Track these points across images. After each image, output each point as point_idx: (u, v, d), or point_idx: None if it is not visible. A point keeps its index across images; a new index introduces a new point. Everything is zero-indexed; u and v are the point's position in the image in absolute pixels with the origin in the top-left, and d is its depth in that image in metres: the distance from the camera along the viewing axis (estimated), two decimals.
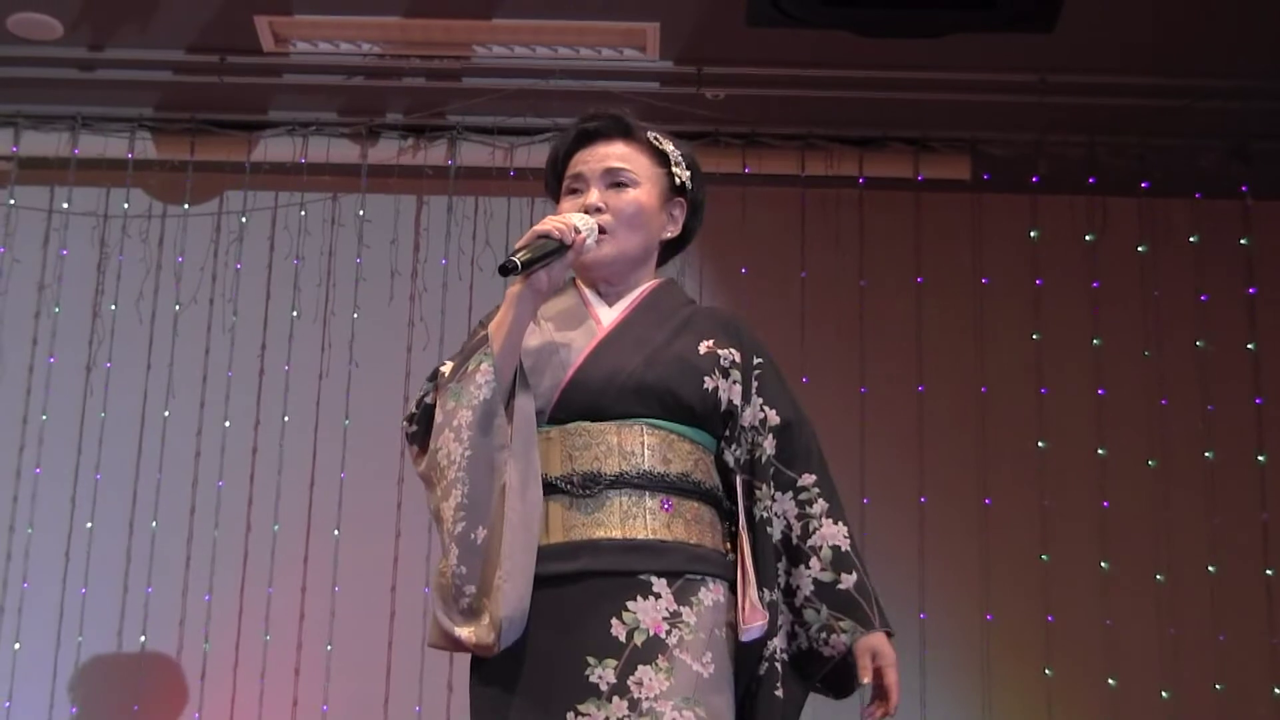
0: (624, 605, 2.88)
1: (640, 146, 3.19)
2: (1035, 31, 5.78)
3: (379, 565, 6.32)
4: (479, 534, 2.88)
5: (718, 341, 3.09)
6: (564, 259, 2.95)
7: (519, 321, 2.95)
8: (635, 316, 3.12)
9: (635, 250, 3.15)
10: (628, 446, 2.97)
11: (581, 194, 3.13)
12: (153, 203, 6.81)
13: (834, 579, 3.04)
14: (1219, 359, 6.60)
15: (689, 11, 5.95)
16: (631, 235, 3.12)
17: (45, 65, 6.34)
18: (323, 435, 6.51)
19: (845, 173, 6.71)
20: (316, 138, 6.75)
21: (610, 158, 3.15)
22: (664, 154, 3.20)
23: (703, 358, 3.05)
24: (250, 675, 6.31)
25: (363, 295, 6.66)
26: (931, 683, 6.29)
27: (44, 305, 6.64)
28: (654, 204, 3.16)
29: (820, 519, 3.08)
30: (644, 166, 3.17)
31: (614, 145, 3.17)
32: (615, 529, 2.93)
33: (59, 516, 6.43)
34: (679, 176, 3.21)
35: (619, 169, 3.14)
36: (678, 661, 2.86)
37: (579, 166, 3.16)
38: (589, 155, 3.16)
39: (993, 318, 6.67)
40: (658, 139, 3.21)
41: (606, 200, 3.10)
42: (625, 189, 3.12)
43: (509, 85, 6.36)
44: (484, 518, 2.88)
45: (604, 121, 3.20)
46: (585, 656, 2.85)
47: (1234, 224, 6.69)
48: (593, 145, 3.18)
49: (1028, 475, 6.53)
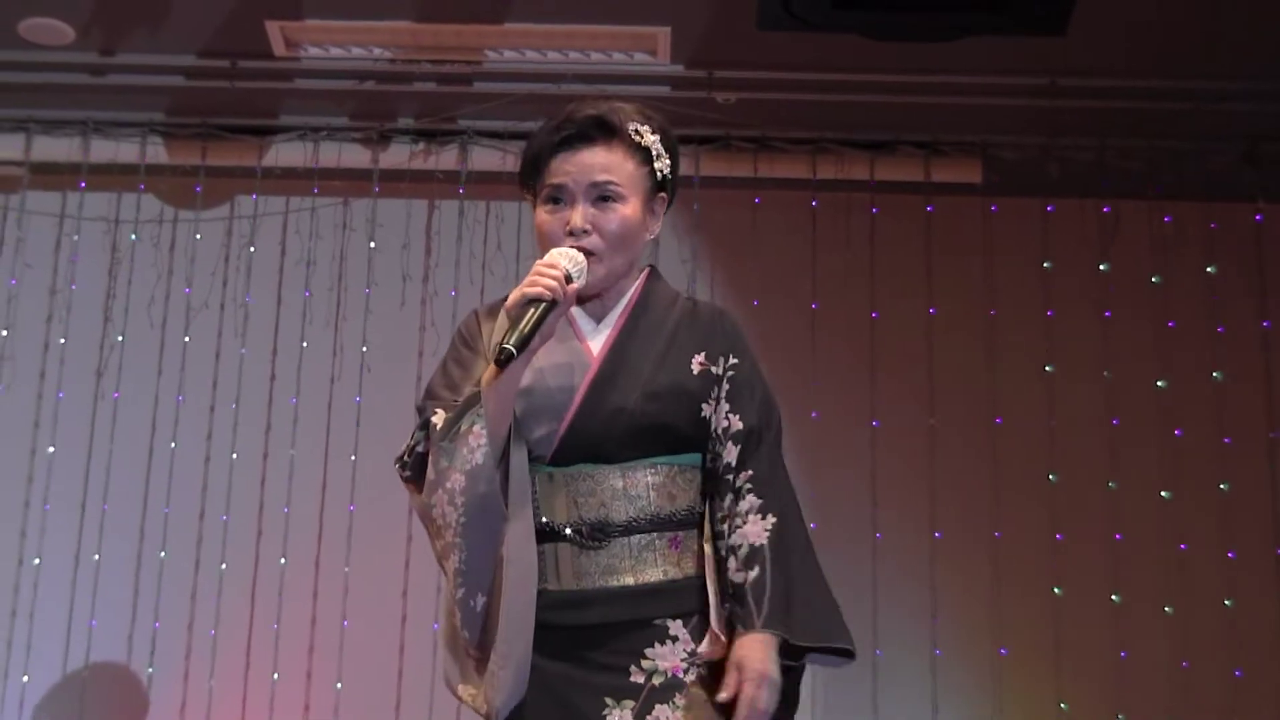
0: (643, 654, 2.87)
1: (623, 148, 3.05)
2: (1046, 35, 5.78)
3: (389, 574, 6.31)
4: (478, 601, 2.87)
5: (708, 354, 3.04)
6: (556, 312, 2.87)
7: (512, 377, 2.89)
8: (625, 339, 3.04)
9: (623, 267, 3.07)
10: (633, 490, 2.93)
11: (563, 205, 3.02)
12: (164, 207, 6.82)
13: (742, 578, 2.89)
14: (1233, 388, 6.59)
15: (700, 16, 5.95)
16: (619, 254, 3.04)
17: (57, 70, 6.35)
18: (334, 440, 6.51)
19: (857, 176, 6.71)
20: (328, 142, 6.75)
21: (595, 169, 3.02)
22: (646, 150, 3.08)
23: (696, 378, 3.01)
24: (259, 710, 6.30)
25: (374, 300, 6.66)
26: (944, 715, 6.29)
27: (55, 309, 6.65)
28: (639, 215, 3.06)
29: (745, 516, 2.93)
30: (628, 174, 3.05)
31: (597, 153, 3.03)
32: (628, 575, 2.90)
33: (69, 523, 6.44)
34: (660, 171, 3.10)
35: (604, 182, 3.01)
36: (694, 698, 2.86)
37: (560, 176, 3.03)
38: (571, 164, 3.03)
39: (1005, 347, 6.64)
40: (638, 132, 3.07)
41: (593, 221, 3.00)
42: (611, 205, 3.02)
43: (520, 90, 6.36)
44: (482, 585, 2.86)
45: (586, 125, 3.05)
46: (604, 698, 2.84)
47: (1247, 234, 6.68)
48: (574, 151, 3.04)
49: (1039, 507, 6.51)
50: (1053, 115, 6.39)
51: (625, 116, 3.08)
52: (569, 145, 3.04)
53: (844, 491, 6.39)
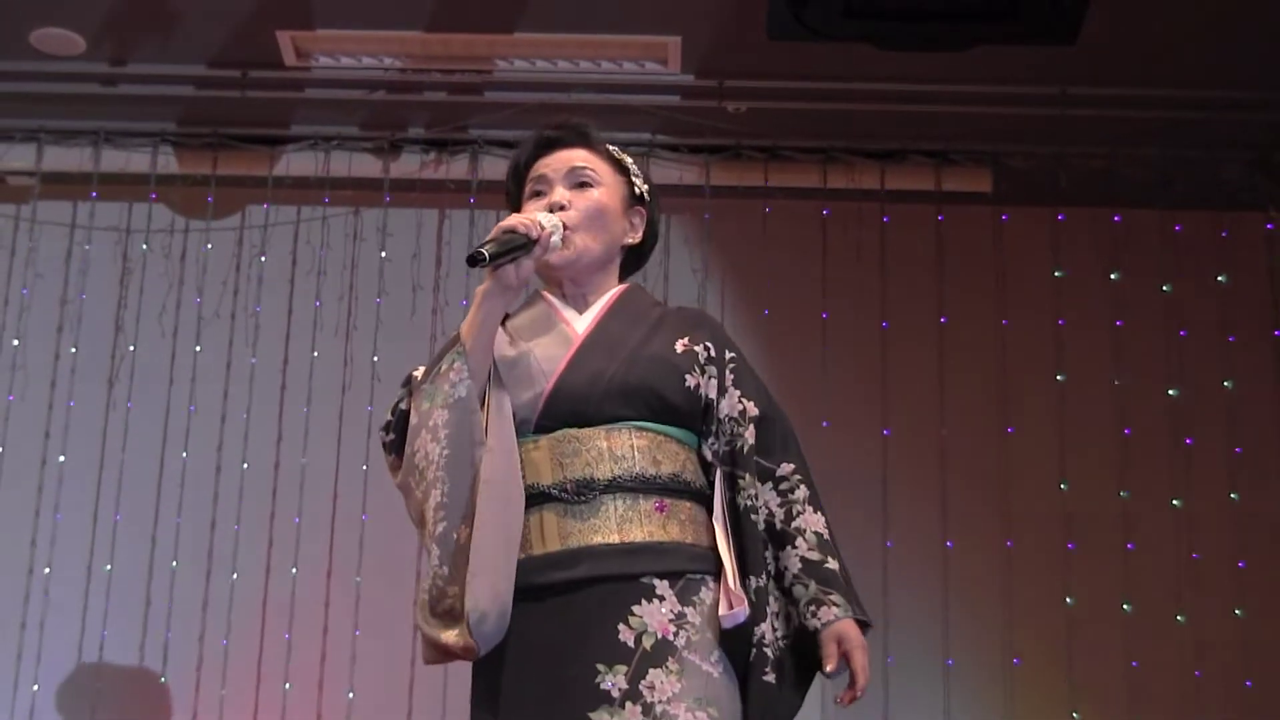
0: (630, 610, 2.88)
1: (600, 154, 3.24)
2: (1056, 44, 5.76)
3: (400, 583, 6.30)
4: (460, 533, 2.88)
5: (692, 338, 3.09)
6: (531, 255, 2.97)
7: (490, 319, 2.98)
8: (608, 321, 3.13)
9: (599, 250, 3.16)
10: (618, 450, 2.96)
11: (545, 195, 3.16)
12: (175, 217, 6.82)
13: (821, 559, 2.99)
14: (1244, 396, 6.59)
15: (710, 25, 5.95)
16: (595, 234, 3.15)
17: (68, 81, 6.37)
18: (345, 449, 6.51)
19: (867, 186, 6.71)
20: (338, 152, 6.76)
21: (573, 160, 3.20)
22: (623, 164, 3.27)
23: (681, 356, 3.06)
24: (272, 694, 6.30)
25: (384, 310, 6.66)
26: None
27: (67, 319, 6.66)
28: (616, 206, 3.20)
29: (803, 504, 3.04)
30: (605, 171, 3.22)
31: (575, 151, 3.22)
32: (613, 533, 2.92)
33: (81, 531, 6.44)
34: (638, 187, 3.26)
35: (581, 168, 3.18)
36: (687, 663, 2.86)
37: (541, 169, 3.20)
38: (551, 159, 3.21)
39: (1015, 356, 6.63)
40: (616, 150, 3.28)
41: (570, 198, 3.13)
42: (588, 188, 3.17)
43: (530, 99, 6.37)
44: (465, 517, 2.88)
45: (565, 131, 3.24)
46: (595, 664, 2.84)
47: (1258, 242, 6.68)
48: (554, 151, 3.22)
49: (1051, 517, 6.51)
50: (1063, 124, 6.39)
51: (600, 137, 3.28)
52: (549, 147, 3.23)
53: (855, 500, 6.39)
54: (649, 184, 3.31)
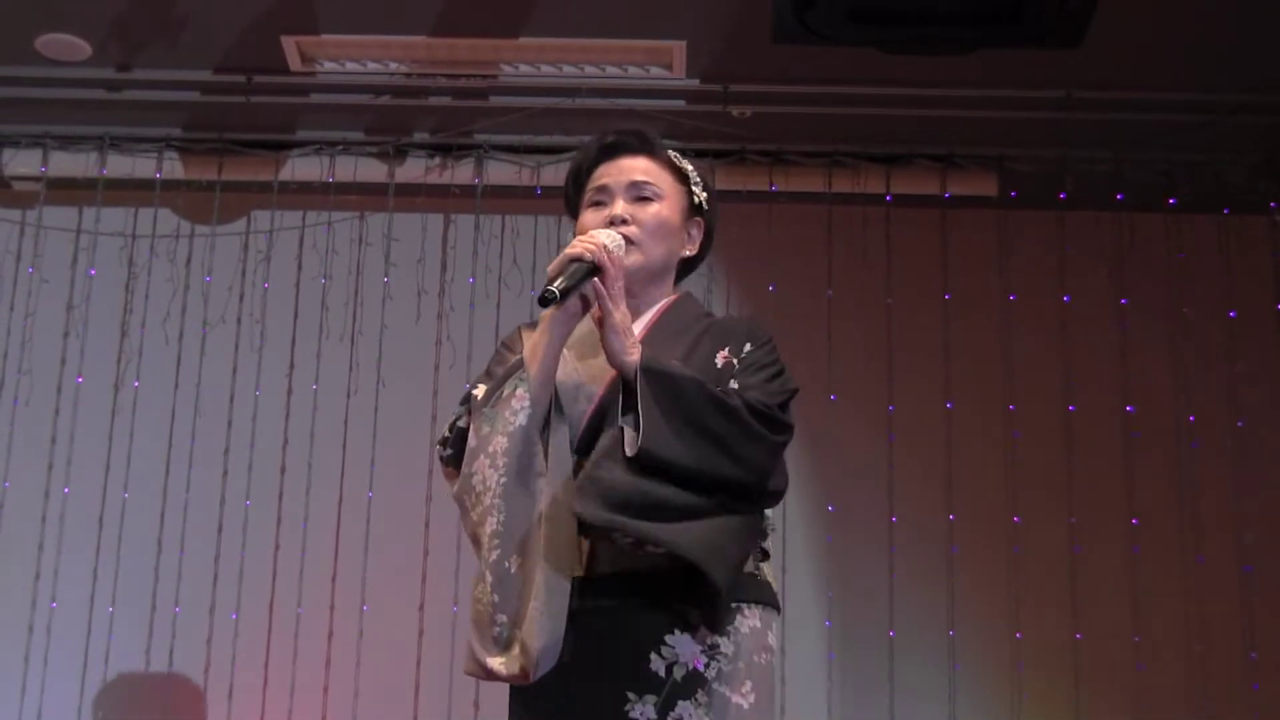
0: (662, 640, 2.86)
1: (662, 163, 3.22)
2: (1062, 47, 5.76)
3: (407, 583, 6.32)
4: (513, 562, 2.87)
5: (731, 348, 3.06)
6: (603, 276, 2.92)
7: (554, 346, 2.95)
8: (653, 335, 3.09)
9: (657, 263, 3.16)
10: None
11: (605, 206, 3.14)
12: (180, 222, 6.83)
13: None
14: (1247, 375, 6.60)
15: (715, 29, 5.95)
16: (655, 247, 3.14)
17: (73, 86, 6.36)
18: (350, 454, 6.52)
19: (872, 190, 6.70)
20: (344, 157, 6.76)
21: (635, 171, 3.17)
22: (684, 173, 3.24)
23: (720, 370, 3.02)
24: (279, 694, 6.31)
25: (390, 314, 6.66)
26: (961, 697, 6.29)
27: (72, 325, 6.67)
28: (676, 220, 3.18)
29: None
30: (667, 182, 3.19)
31: (637, 160, 3.20)
32: (645, 560, 2.87)
33: (87, 536, 6.45)
34: (698, 196, 3.24)
35: (643, 182, 3.16)
36: (716, 695, 2.84)
37: (603, 179, 3.18)
38: (613, 168, 3.19)
39: (1021, 362, 6.66)
40: (678, 158, 3.25)
41: (631, 212, 3.12)
42: (649, 202, 3.15)
43: (535, 104, 6.37)
44: (519, 546, 2.87)
45: (627, 136, 3.23)
46: (626, 692, 2.83)
47: (1263, 246, 6.69)
48: (616, 159, 3.20)
49: (1057, 492, 6.52)
50: (1069, 128, 6.39)
51: (663, 144, 3.25)
52: (611, 154, 3.22)
53: (857, 473, 6.44)
54: (709, 191, 3.28)
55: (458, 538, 6.27)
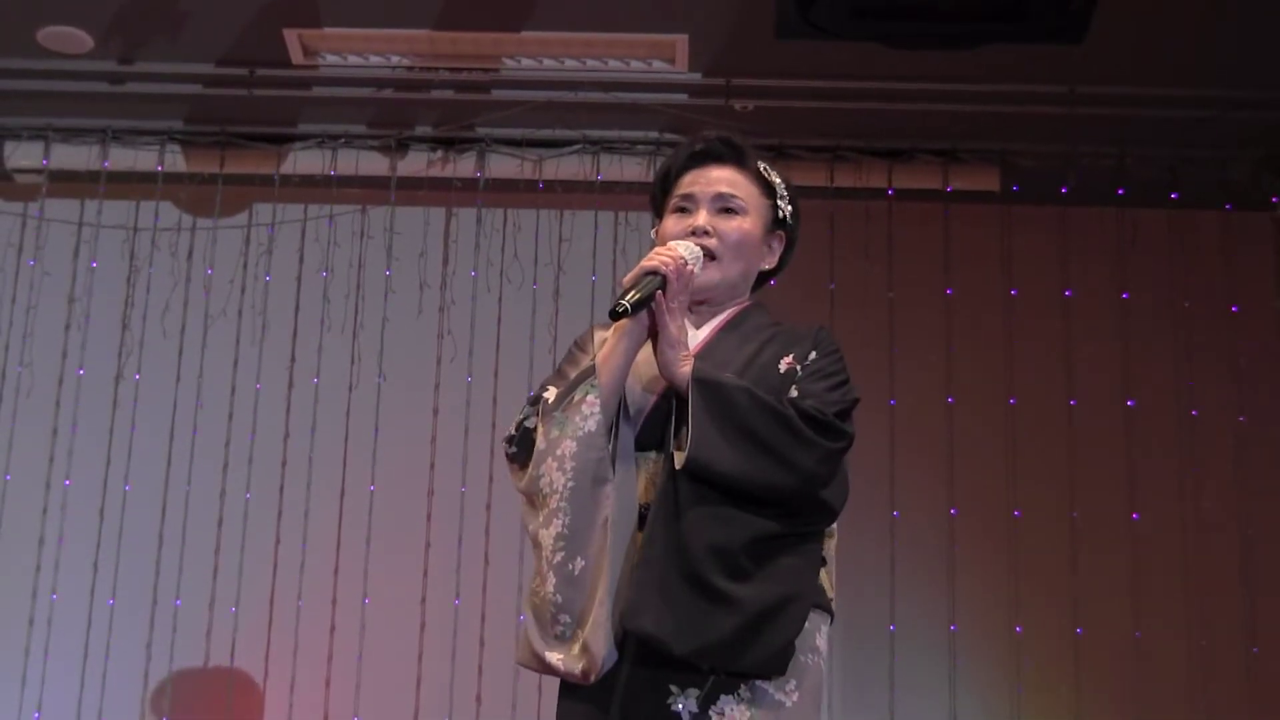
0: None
1: (750, 175, 3.19)
2: (1065, 43, 5.76)
3: (408, 577, 6.33)
4: (577, 564, 2.88)
5: (796, 355, 3.06)
6: (674, 288, 2.93)
7: (627, 355, 2.96)
8: (720, 338, 3.11)
9: (735, 277, 3.15)
10: None
11: (689, 214, 3.13)
12: (182, 215, 6.83)
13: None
14: (1250, 370, 6.60)
15: (718, 23, 5.94)
16: (735, 262, 3.13)
17: (75, 79, 6.37)
18: (352, 448, 6.52)
19: (874, 185, 6.70)
20: (345, 150, 6.76)
21: (721, 182, 3.15)
22: (771, 185, 3.20)
23: (783, 376, 3.02)
24: (280, 687, 6.32)
25: (391, 307, 6.67)
26: (961, 692, 6.29)
27: (74, 318, 6.67)
28: (758, 234, 3.17)
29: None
30: (752, 195, 3.17)
31: (725, 170, 3.17)
32: None
33: (88, 528, 6.46)
34: (782, 210, 3.21)
35: (729, 195, 3.14)
36: (759, 690, 2.84)
37: (690, 187, 3.16)
38: (700, 176, 3.16)
39: (1023, 358, 6.66)
40: (767, 170, 3.21)
41: (714, 224, 3.11)
42: (733, 215, 3.13)
43: (538, 98, 6.37)
44: (583, 549, 2.88)
45: (718, 145, 3.19)
46: (669, 685, 2.83)
47: (1266, 241, 6.69)
48: (704, 167, 3.18)
49: (1057, 487, 6.52)
50: (1071, 123, 6.38)
51: (755, 153, 3.22)
52: (699, 162, 3.19)
53: (860, 467, 6.42)
54: (794, 204, 3.25)
55: (459, 531, 6.29)
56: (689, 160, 3.19)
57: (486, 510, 6.34)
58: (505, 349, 6.53)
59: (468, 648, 6.24)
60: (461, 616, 6.29)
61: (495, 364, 6.51)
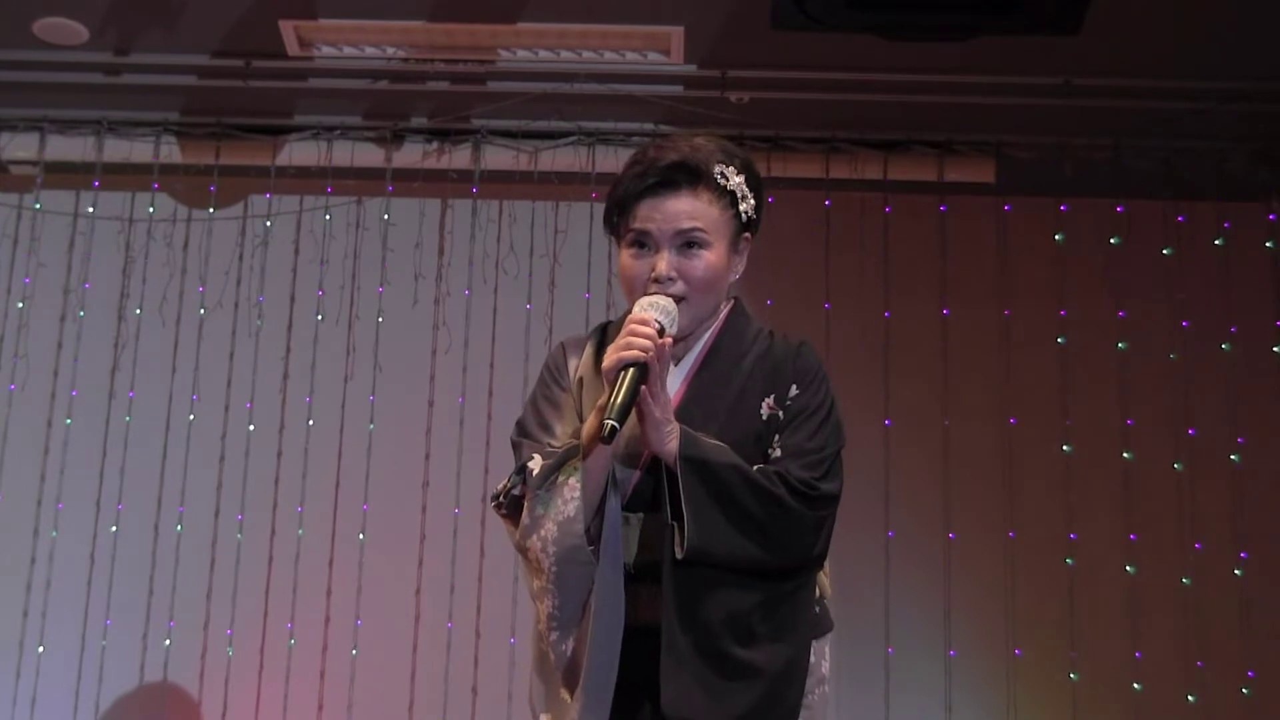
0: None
1: (709, 192, 3.05)
2: (1061, 34, 5.77)
3: (402, 597, 6.33)
4: (568, 646, 2.90)
5: (776, 396, 3.03)
6: (654, 370, 2.87)
7: (611, 454, 2.91)
8: (699, 381, 3.06)
9: (707, 311, 3.08)
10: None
11: (648, 250, 3.02)
12: (178, 207, 6.82)
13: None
14: (1245, 362, 6.60)
15: (713, 15, 5.94)
16: (706, 300, 3.05)
17: (71, 70, 6.36)
18: (348, 438, 6.52)
19: (870, 176, 6.70)
20: (341, 142, 6.75)
21: (681, 216, 3.01)
22: (730, 193, 3.07)
23: (764, 424, 3.01)
24: (273, 708, 6.34)
25: (387, 299, 6.67)
26: (957, 711, 6.31)
27: (69, 309, 6.67)
28: (724, 259, 3.06)
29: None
30: (714, 218, 3.05)
31: (682, 200, 3.02)
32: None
33: (84, 528, 6.46)
34: (745, 213, 3.11)
35: (690, 229, 3.01)
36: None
37: (645, 222, 3.02)
38: (656, 210, 3.02)
39: (1018, 346, 6.65)
40: (723, 175, 3.07)
41: (679, 267, 3.00)
42: (697, 252, 3.02)
43: (533, 89, 6.36)
44: (572, 631, 2.90)
45: (672, 172, 3.03)
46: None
47: (1260, 233, 6.69)
48: (659, 197, 3.02)
49: (1051, 507, 6.53)
50: (1067, 115, 6.38)
51: (709, 159, 3.06)
52: (655, 192, 3.03)
53: (856, 492, 6.40)
54: (757, 191, 3.15)
55: (453, 551, 6.30)
56: (643, 190, 3.04)
57: (482, 507, 6.33)
58: (501, 340, 6.53)
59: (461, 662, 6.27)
60: (455, 637, 6.28)
61: (491, 355, 6.51)
